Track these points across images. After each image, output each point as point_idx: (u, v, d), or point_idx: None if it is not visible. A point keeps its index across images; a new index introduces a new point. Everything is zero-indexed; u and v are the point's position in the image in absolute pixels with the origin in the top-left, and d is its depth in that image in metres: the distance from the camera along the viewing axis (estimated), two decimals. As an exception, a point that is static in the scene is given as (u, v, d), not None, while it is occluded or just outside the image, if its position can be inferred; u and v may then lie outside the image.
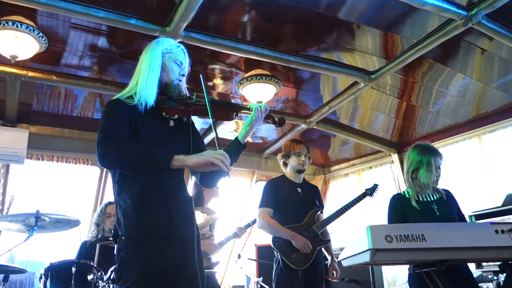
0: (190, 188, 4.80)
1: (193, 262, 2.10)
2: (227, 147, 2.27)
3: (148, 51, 2.26)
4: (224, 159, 1.99)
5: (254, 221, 4.81)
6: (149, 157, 2.00)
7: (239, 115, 2.36)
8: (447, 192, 3.08)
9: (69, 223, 3.64)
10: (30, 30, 3.58)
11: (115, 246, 2.09)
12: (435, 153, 3.04)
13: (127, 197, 2.06)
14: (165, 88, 2.23)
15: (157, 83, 2.20)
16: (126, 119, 2.10)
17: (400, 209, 3.00)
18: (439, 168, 3.05)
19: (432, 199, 3.01)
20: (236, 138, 2.32)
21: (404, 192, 3.10)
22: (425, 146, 3.10)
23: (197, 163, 2.01)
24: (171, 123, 2.25)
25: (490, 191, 5.09)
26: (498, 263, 3.48)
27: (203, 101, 2.19)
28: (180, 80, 2.28)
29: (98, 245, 3.84)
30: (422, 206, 2.96)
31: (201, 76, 2.27)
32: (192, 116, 2.30)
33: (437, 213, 2.93)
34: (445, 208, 2.97)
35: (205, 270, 4.07)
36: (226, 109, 2.30)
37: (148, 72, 2.19)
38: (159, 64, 2.22)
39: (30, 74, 4.28)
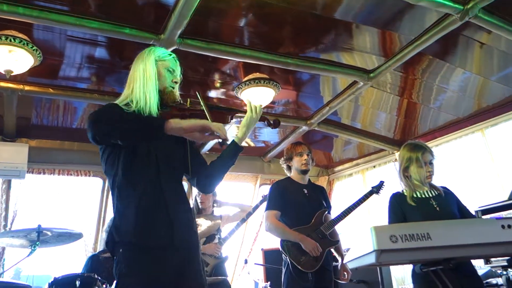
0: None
1: (197, 271, 2.07)
2: (224, 150, 2.27)
3: (141, 59, 2.24)
4: (221, 127, 2.03)
5: (262, 201, 4.67)
6: (144, 119, 2.05)
7: (234, 118, 2.34)
8: (445, 189, 3.10)
9: (72, 237, 3.64)
10: (23, 44, 3.54)
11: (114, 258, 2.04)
12: (424, 150, 3.08)
13: (129, 201, 2.03)
14: (159, 95, 2.21)
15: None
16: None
17: (398, 207, 3.02)
18: (430, 164, 3.06)
19: (430, 195, 3.02)
20: (233, 140, 2.29)
21: (402, 190, 3.11)
22: (414, 144, 3.15)
23: (192, 126, 2.03)
24: None
25: (496, 185, 5.04)
26: (507, 257, 3.45)
27: (197, 106, 2.20)
28: (173, 88, 2.26)
29: (103, 257, 3.83)
30: (420, 203, 2.98)
31: (197, 94, 2.26)
32: None
33: (437, 208, 2.93)
34: (445, 204, 2.98)
35: (218, 277, 4.01)
36: (221, 112, 2.29)
37: (144, 79, 2.17)
38: (154, 72, 2.20)
39: (27, 88, 4.26)
